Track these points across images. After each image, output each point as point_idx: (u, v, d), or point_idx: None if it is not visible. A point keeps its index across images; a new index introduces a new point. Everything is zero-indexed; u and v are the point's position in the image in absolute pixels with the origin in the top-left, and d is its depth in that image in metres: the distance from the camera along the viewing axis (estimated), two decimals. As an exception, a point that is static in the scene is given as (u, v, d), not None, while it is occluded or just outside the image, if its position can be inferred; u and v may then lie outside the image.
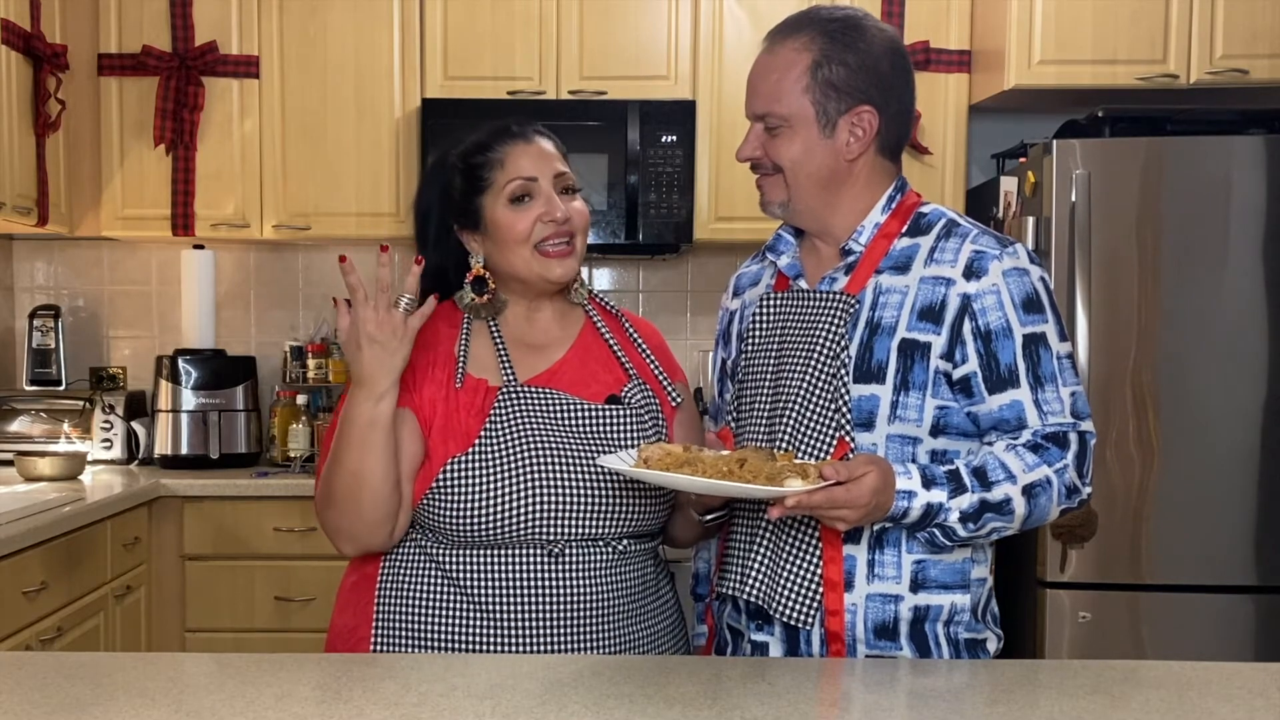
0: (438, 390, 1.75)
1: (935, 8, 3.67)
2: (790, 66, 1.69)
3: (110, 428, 3.73)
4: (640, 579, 1.78)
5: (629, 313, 1.94)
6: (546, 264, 1.77)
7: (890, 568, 1.67)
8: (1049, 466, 1.63)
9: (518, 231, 1.75)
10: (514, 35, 3.66)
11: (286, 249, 4.07)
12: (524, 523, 1.69)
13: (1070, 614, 3.08)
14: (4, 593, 2.60)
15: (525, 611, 1.70)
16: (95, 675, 1.48)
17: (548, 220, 1.75)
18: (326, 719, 1.31)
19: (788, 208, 1.75)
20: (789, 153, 1.71)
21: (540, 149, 1.79)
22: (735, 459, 1.54)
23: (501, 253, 1.78)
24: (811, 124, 1.70)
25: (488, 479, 1.69)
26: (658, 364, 1.89)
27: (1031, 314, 1.66)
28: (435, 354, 1.78)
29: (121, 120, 3.69)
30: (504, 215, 1.76)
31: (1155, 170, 3.07)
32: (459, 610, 1.71)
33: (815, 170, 1.71)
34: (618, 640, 1.73)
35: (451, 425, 1.73)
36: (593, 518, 1.71)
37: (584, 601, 1.71)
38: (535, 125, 1.82)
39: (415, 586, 1.74)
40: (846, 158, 1.71)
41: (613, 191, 3.61)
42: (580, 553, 1.72)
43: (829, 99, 1.69)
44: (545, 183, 1.77)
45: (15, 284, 4.06)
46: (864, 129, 1.70)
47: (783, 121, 1.70)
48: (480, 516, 1.69)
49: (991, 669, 1.59)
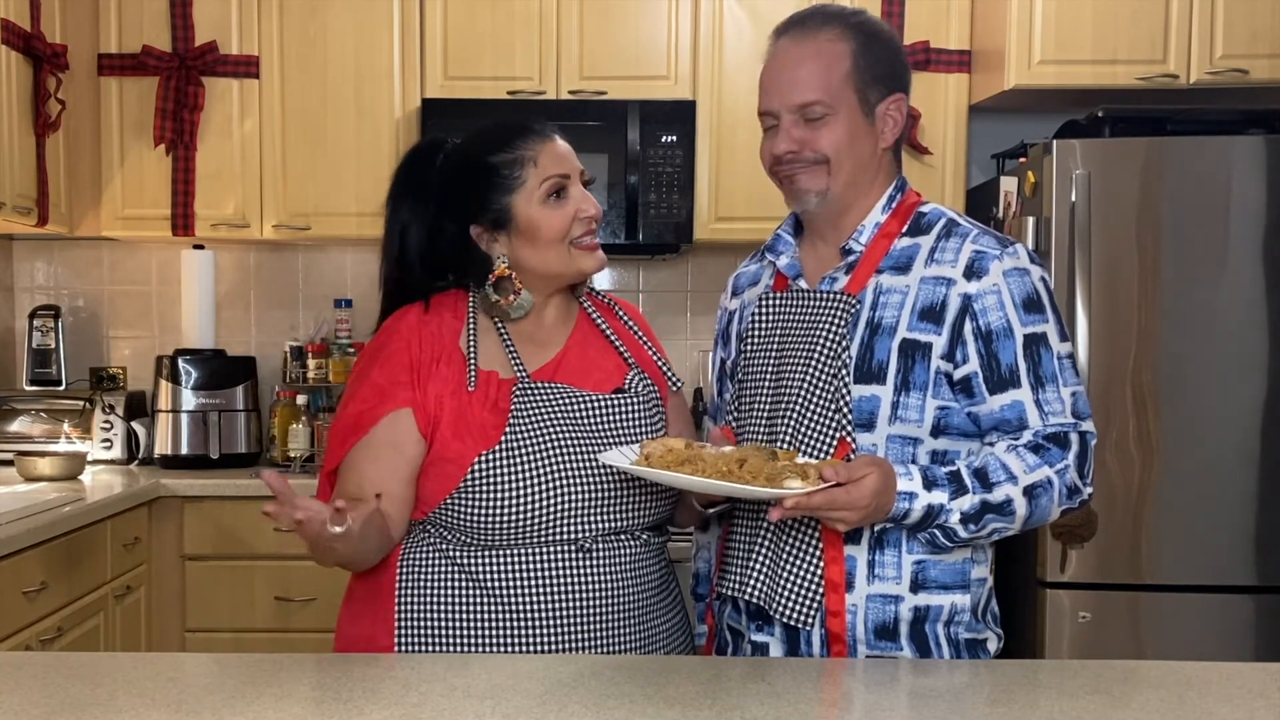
0: (445, 387, 1.74)
1: (935, 8, 3.67)
2: (832, 55, 1.70)
3: (110, 428, 3.73)
4: (659, 573, 1.80)
5: (621, 300, 1.96)
6: (583, 258, 1.78)
7: (890, 568, 1.67)
8: (1050, 467, 1.63)
9: (555, 229, 1.75)
10: (514, 35, 3.66)
11: (286, 249, 4.07)
12: (557, 520, 1.69)
13: (1070, 614, 3.08)
14: (4, 593, 2.60)
15: (553, 608, 1.69)
16: (95, 675, 1.48)
17: (583, 217, 1.77)
18: (326, 719, 1.31)
19: (825, 197, 1.73)
20: (835, 139, 1.70)
21: (566, 147, 1.80)
22: (735, 458, 1.54)
23: (535, 251, 1.77)
24: (856, 111, 1.71)
25: (519, 477, 1.68)
26: (652, 347, 1.90)
27: (1032, 314, 1.67)
28: (440, 348, 1.76)
29: (121, 120, 3.69)
30: (540, 213, 1.75)
31: (1155, 170, 3.07)
32: (485, 610, 1.70)
33: (858, 157, 1.72)
34: (635, 636, 1.74)
35: (466, 421, 1.72)
36: (618, 510, 1.72)
37: (609, 596, 1.71)
38: (545, 120, 1.83)
39: (438, 591, 1.72)
40: (883, 145, 1.74)
41: (613, 191, 3.61)
42: (607, 547, 1.72)
43: (869, 87, 1.71)
44: (576, 177, 1.78)
45: (15, 284, 4.06)
46: (897, 116, 1.74)
47: (828, 109, 1.69)
48: (514, 516, 1.68)
49: (991, 669, 1.59)
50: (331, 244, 4.02)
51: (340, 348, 3.90)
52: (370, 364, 1.79)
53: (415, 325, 1.79)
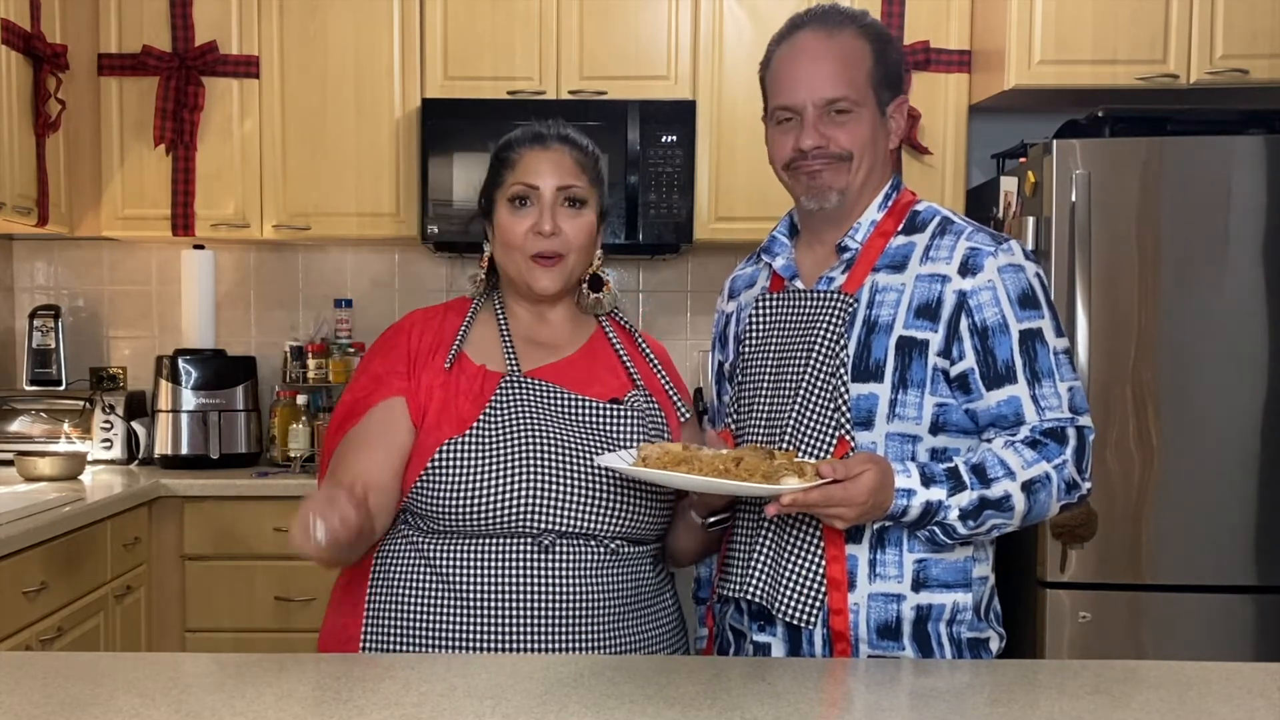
0: (436, 377, 1.77)
1: (935, 8, 3.67)
2: (857, 53, 1.71)
3: (110, 428, 3.73)
4: (635, 582, 1.77)
5: (645, 333, 1.96)
6: (533, 272, 1.79)
7: (892, 567, 1.67)
8: (1048, 462, 1.63)
9: (510, 236, 1.79)
10: (514, 35, 3.66)
11: (286, 249, 4.07)
12: (513, 510, 1.68)
13: (1070, 614, 3.08)
14: (4, 593, 2.60)
15: (513, 606, 1.68)
16: (95, 675, 1.48)
17: (536, 232, 1.77)
18: (326, 719, 1.31)
19: (845, 195, 1.73)
20: (859, 136, 1.71)
21: (555, 158, 1.79)
22: (732, 458, 1.55)
23: (502, 250, 1.82)
24: (875, 110, 1.73)
25: (481, 463, 1.69)
26: (666, 377, 1.90)
27: (1027, 309, 1.67)
28: (439, 340, 1.80)
29: (121, 120, 3.69)
30: (503, 216, 1.80)
31: (1155, 170, 3.07)
32: (448, 607, 1.70)
33: (876, 155, 1.74)
34: (612, 642, 1.72)
35: (448, 410, 1.73)
36: (584, 513, 1.70)
37: (573, 600, 1.70)
38: (565, 131, 1.83)
39: (404, 584, 1.73)
40: (891, 146, 1.76)
41: (613, 191, 3.59)
42: (570, 548, 1.70)
43: (883, 88, 1.73)
44: (547, 193, 1.77)
45: (15, 284, 4.06)
46: (900, 118, 1.76)
47: (855, 105, 1.70)
48: (470, 501, 1.68)
49: (991, 669, 1.59)
50: (331, 244, 4.02)
51: (340, 348, 3.90)
52: (373, 356, 1.84)
53: (420, 319, 1.85)
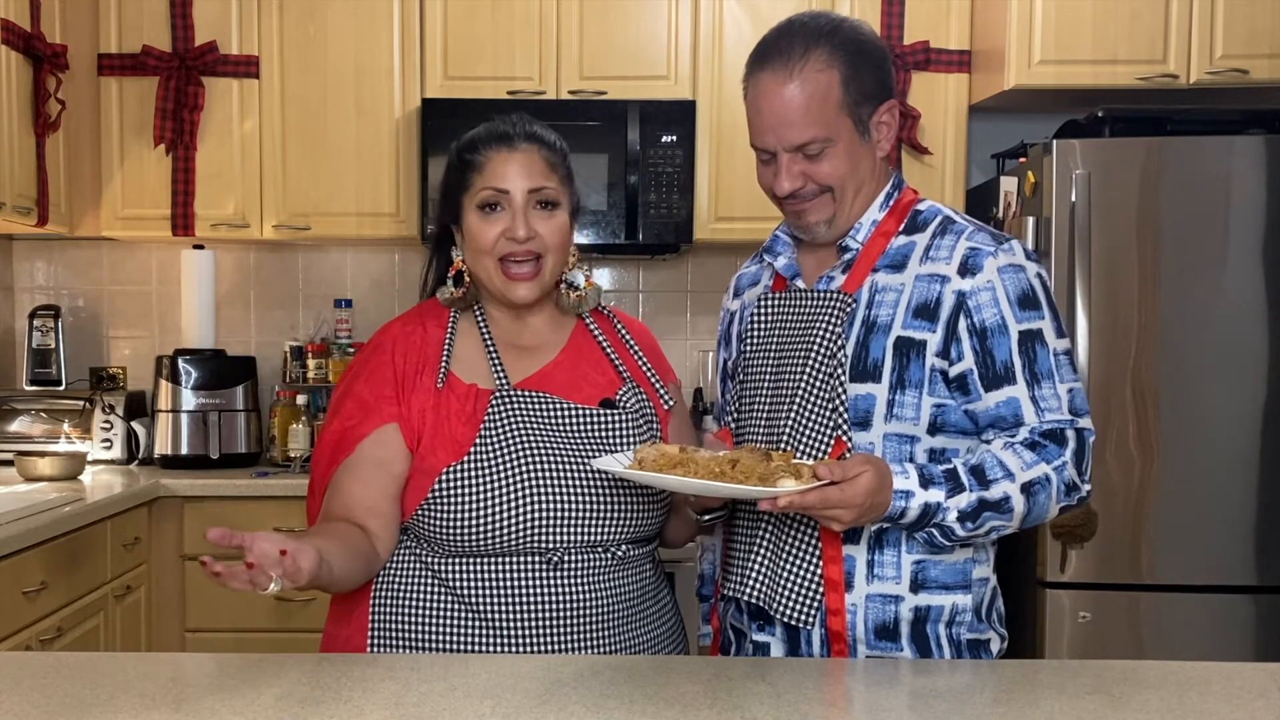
0: (427, 399, 1.73)
1: (935, 8, 3.67)
2: (823, 89, 1.66)
3: (110, 428, 3.73)
4: (639, 585, 1.77)
5: (620, 312, 1.93)
6: (508, 284, 1.75)
7: (890, 568, 1.67)
8: (1047, 464, 1.62)
9: (481, 241, 1.74)
10: (514, 35, 3.66)
11: (286, 249, 4.07)
12: (522, 532, 1.67)
13: (1070, 614, 3.08)
14: (4, 593, 2.59)
15: (524, 619, 1.68)
16: (95, 675, 1.48)
17: (509, 237, 1.73)
18: (326, 719, 1.31)
19: (833, 223, 1.73)
20: (837, 169, 1.69)
21: (524, 159, 1.74)
22: (728, 460, 1.54)
23: (473, 257, 1.77)
24: (853, 135, 1.69)
25: (484, 488, 1.67)
26: (649, 366, 1.88)
27: (1027, 310, 1.66)
28: (423, 358, 1.76)
29: (121, 120, 3.69)
30: (473, 221, 1.75)
31: (1155, 170, 3.07)
32: (457, 616, 1.70)
33: (859, 176, 1.72)
34: (616, 646, 1.72)
35: (441, 433, 1.71)
36: (591, 524, 1.70)
37: (584, 609, 1.70)
38: (532, 128, 1.77)
39: (411, 594, 1.72)
40: (879, 155, 1.74)
41: (613, 191, 3.61)
42: (579, 560, 1.70)
43: (861, 106, 1.69)
44: (518, 196, 1.73)
45: (15, 284, 4.06)
46: (890, 122, 1.73)
47: (826, 142, 1.68)
48: (478, 526, 1.67)
49: (992, 669, 1.59)
50: (331, 244, 4.02)
51: (340, 348, 3.90)
52: (355, 378, 1.79)
53: (399, 336, 1.79)
